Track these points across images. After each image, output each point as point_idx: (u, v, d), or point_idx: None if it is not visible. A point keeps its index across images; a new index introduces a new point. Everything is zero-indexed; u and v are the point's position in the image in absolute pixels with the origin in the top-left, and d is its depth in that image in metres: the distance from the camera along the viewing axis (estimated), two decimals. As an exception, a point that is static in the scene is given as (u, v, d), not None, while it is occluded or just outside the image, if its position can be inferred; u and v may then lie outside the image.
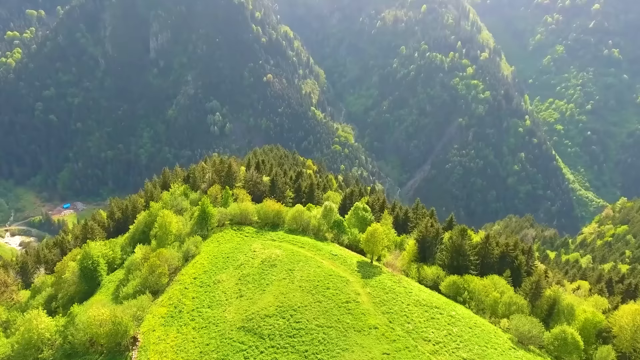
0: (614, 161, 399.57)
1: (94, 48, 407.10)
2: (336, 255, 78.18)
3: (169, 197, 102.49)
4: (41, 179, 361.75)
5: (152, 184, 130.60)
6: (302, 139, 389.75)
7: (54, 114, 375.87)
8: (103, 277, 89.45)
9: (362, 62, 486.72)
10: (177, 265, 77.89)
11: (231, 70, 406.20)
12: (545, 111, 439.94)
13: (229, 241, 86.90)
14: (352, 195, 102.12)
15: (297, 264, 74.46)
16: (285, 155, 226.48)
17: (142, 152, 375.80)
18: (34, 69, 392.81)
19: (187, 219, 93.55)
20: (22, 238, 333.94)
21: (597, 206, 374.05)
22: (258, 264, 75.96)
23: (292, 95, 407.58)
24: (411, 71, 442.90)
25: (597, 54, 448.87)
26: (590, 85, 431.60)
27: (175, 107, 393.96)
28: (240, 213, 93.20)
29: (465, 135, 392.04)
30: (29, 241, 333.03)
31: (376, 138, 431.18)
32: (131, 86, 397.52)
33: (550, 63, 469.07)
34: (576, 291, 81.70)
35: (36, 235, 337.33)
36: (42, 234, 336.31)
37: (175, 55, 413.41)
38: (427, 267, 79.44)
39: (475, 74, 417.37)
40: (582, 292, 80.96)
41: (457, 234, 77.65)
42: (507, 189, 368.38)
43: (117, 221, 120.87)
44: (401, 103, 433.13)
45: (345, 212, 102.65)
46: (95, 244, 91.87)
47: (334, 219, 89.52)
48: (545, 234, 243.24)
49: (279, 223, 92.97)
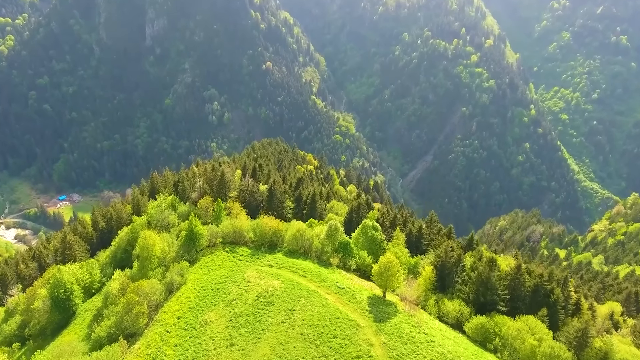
0: (619, 152, 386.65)
1: (88, 35, 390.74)
2: (343, 289, 66.43)
3: (155, 210, 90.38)
4: (36, 170, 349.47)
5: (140, 190, 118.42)
6: (302, 128, 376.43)
7: (48, 104, 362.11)
8: (78, 306, 77.92)
9: (363, 49, 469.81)
10: (158, 300, 66.18)
11: (229, 58, 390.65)
12: (550, 100, 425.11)
13: (220, 266, 75.09)
14: (359, 208, 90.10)
15: (298, 301, 62.75)
16: (285, 150, 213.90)
17: (138, 142, 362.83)
18: (27, 56, 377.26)
19: (173, 238, 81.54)
20: (18, 231, 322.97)
21: (602, 198, 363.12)
22: (253, 299, 64.26)
23: (291, 84, 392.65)
24: (414, 59, 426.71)
25: (605, 41, 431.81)
26: (596, 74, 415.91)
27: (173, 96, 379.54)
28: (233, 232, 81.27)
29: (469, 125, 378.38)
30: (24, 234, 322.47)
31: (377, 128, 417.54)
32: (127, 75, 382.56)
33: (556, 50, 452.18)
34: (620, 330, 70.27)
35: (32, 228, 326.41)
36: (37, 227, 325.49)
37: (172, 43, 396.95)
38: (447, 300, 67.81)
39: (479, 62, 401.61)
40: (626, 331, 69.50)
41: (484, 265, 65.89)
42: (511, 181, 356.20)
43: (101, 231, 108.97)
44: (403, 92, 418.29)
45: (352, 226, 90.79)
46: (69, 267, 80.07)
47: (339, 240, 77.59)
48: (553, 230, 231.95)
49: (278, 243, 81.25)
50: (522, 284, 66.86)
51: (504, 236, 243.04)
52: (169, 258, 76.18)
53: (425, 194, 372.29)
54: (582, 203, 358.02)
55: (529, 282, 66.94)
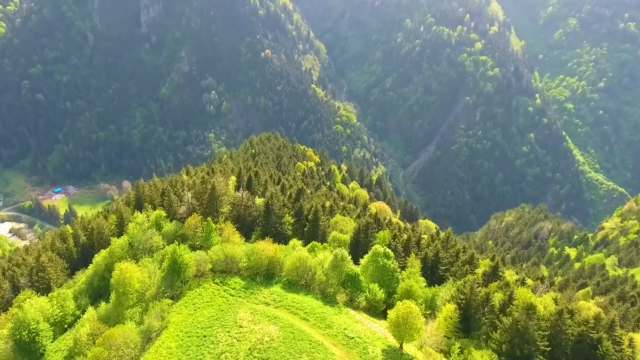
0: (625, 142, 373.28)
1: (81, 22, 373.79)
2: (352, 339, 55.39)
3: (137, 230, 78.84)
4: (30, 161, 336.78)
5: (125, 198, 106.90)
6: (302, 118, 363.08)
7: (42, 93, 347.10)
8: (47, 347, 66.93)
9: (364, 36, 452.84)
10: (133, 354, 55.07)
11: (227, 46, 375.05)
12: (556, 89, 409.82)
13: (209, 304, 63.82)
14: (367, 228, 78.55)
15: (299, 357, 51.68)
16: (284, 145, 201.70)
17: (135, 133, 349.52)
18: (19, 44, 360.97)
19: (155, 266, 70.16)
20: (12, 224, 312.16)
21: (607, 189, 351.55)
22: (245, 354, 53.14)
23: (291, 72, 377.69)
24: (416, 46, 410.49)
25: (612, 28, 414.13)
26: (603, 62, 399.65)
27: (169, 85, 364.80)
28: (225, 259, 69.91)
29: (473, 115, 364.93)
30: (19, 228, 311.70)
31: (379, 117, 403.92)
32: (122, 63, 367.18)
33: (562, 37, 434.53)
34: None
35: (26, 221, 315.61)
36: (32, 220, 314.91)
37: (168, 30, 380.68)
38: (474, 349, 56.84)
39: (483, 50, 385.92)
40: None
41: (520, 311, 54.70)
42: (515, 172, 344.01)
43: (83, 246, 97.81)
44: (405, 80, 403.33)
45: (359, 248, 79.63)
46: (36, 301, 68.70)
47: (346, 271, 66.31)
48: (561, 227, 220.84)
49: (275, 272, 70.02)
50: (564, 331, 55.79)
51: (510, 233, 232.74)
52: (149, 294, 64.88)
53: (427, 186, 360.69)
54: (587, 195, 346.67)
55: (572, 329, 55.83)
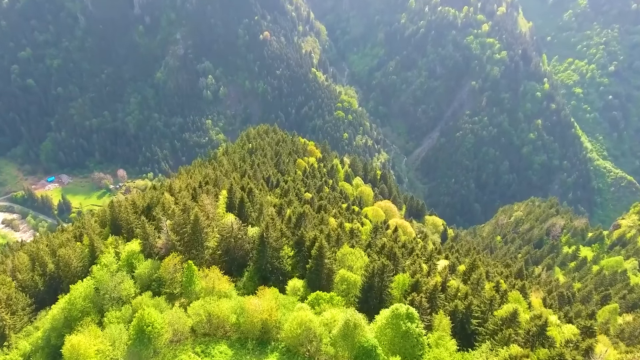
0: (634, 128, 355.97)
1: (72, 3, 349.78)
2: None
3: (103, 273, 63.36)
4: (22, 150, 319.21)
5: (100, 217, 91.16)
6: (303, 104, 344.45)
7: (32, 78, 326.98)
8: None
9: (366, 17, 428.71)
10: None
11: (224, 28, 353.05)
12: (564, 72, 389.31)
13: (185, 387, 49.06)
14: (383, 272, 63.20)
15: None
16: (283, 139, 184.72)
17: (129, 119, 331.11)
18: (7, 27, 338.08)
19: (121, 330, 54.97)
20: (5, 215, 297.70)
21: (615, 177, 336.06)
22: None
23: (291, 56, 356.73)
24: (421, 28, 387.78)
25: (624, 9, 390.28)
26: (614, 44, 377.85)
27: (164, 70, 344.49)
28: (208, 321, 54.78)
29: (479, 100, 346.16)
30: (12, 219, 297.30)
31: (381, 102, 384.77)
32: (115, 46, 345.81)
33: (571, 19, 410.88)
34: None
35: (19, 212, 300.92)
36: (25, 211, 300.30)
37: (163, 11, 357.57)
38: None
39: (490, 32, 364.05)
40: None
41: None
42: (521, 160, 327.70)
43: (51, 276, 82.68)
44: (409, 64, 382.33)
45: (371, 295, 64.41)
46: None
47: (360, 341, 51.18)
48: (574, 224, 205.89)
49: (272, 335, 55.04)
50: None
51: (520, 228, 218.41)
52: (108, 375, 49.91)
53: (431, 173, 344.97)
54: (595, 183, 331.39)
55: None
